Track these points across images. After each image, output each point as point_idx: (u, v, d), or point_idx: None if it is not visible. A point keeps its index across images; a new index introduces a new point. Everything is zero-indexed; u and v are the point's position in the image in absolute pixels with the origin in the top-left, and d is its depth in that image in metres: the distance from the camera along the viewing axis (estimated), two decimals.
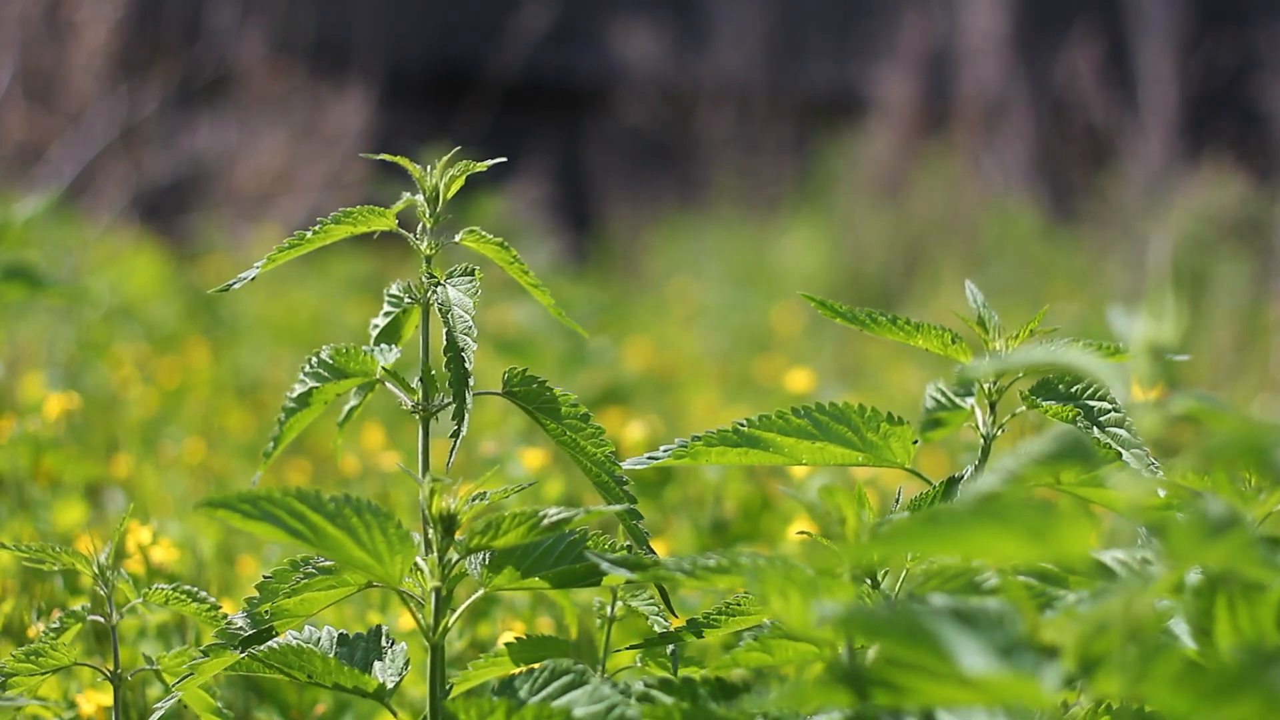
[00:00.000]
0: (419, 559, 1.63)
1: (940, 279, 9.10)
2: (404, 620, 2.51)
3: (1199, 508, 1.19)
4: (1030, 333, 1.81)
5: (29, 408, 3.69)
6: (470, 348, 1.74)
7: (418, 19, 12.40)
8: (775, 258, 9.78)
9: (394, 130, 9.60)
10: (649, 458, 1.80)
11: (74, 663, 1.86)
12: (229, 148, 9.28)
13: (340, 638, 1.77)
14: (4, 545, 1.89)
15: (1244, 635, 1.33)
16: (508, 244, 1.82)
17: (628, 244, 10.90)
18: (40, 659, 1.84)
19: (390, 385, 1.78)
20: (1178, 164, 10.13)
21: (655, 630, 1.78)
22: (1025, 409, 1.79)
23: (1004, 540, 1.20)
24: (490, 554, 1.69)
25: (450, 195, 1.81)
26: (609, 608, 1.94)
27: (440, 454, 1.76)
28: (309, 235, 1.79)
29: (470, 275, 1.79)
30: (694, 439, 1.79)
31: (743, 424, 1.78)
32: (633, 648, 1.83)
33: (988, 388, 1.79)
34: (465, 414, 1.71)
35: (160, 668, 1.86)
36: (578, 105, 12.55)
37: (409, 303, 1.82)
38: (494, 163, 1.81)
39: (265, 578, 1.73)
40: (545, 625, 2.57)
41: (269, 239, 7.73)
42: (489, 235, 1.82)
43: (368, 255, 7.47)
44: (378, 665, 1.75)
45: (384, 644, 1.77)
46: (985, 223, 10.22)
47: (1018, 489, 1.30)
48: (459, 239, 1.83)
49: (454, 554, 1.64)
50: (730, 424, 1.79)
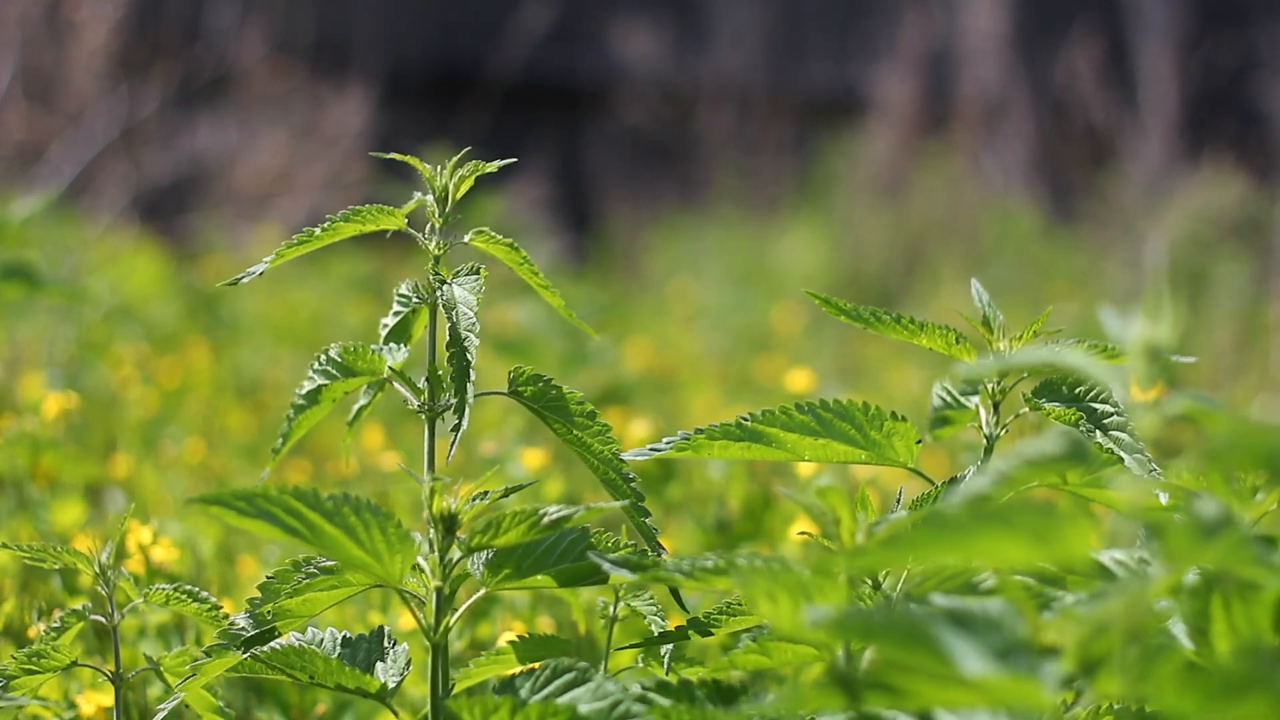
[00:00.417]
0: (420, 558, 1.63)
1: (940, 279, 9.10)
2: (404, 620, 2.51)
3: (1192, 509, 1.19)
4: (1034, 333, 1.81)
5: (29, 407, 3.69)
6: (473, 344, 1.74)
7: (418, 19, 12.40)
8: (775, 258, 9.78)
9: (394, 130, 9.60)
10: (651, 448, 1.80)
11: (74, 663, 1.86)
12: (229, 148, 9.28)
13: (343, 639, 1.77)
14: (4, 545, 1.89)
15: (1240, 635, 1.33)
16: (517, 244, 1.82)
17: (628, 244, 10.90)
18: (41, 659, 1.84)
19: (397, 384, 1.79)
20: (1178, 164, 10.13)
21: (655, 631, 1.78)
22: (1028, 410, 1.79)
23: (1007, 543, 1.20)
24: (491, 553, 1.69)
25: (459, 195, 1.82)
26: (611, 607, 1.94)
27: (442, 451, 1.76)
28: (317, 232, 1.79)
29: (476, 274, 1.80)
30: (697, 431, 1.79)
31: (746, 418, 1.79)
32: (632, 646, 1.83)
33: (991, 388, 1.80)
34: (466, 409, 1.72)
35: (161, 668, 1.86)
36: (578, 105, 12.55)
37: (417, 302, 1.82)
38: (504, 163, 1.81)
39: (267, 578, 1.73)
40: (545, 625, 2.57)
41: (269, 239, 7.73)
42: (498, 236, 1.82)
43: (368, 255, 7.47)
44: (380, 666, 1.75)
45: (386, 645, 1.77)
46: (985, 223, 10.22)
47: (1008, 490, 1.30)
48: (468, 239, 1.83)
49: (455, 553, 1.64)
50: (734, 418, 1.79)
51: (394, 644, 1.77)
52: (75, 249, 6.08)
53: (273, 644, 1.71)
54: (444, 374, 1.76)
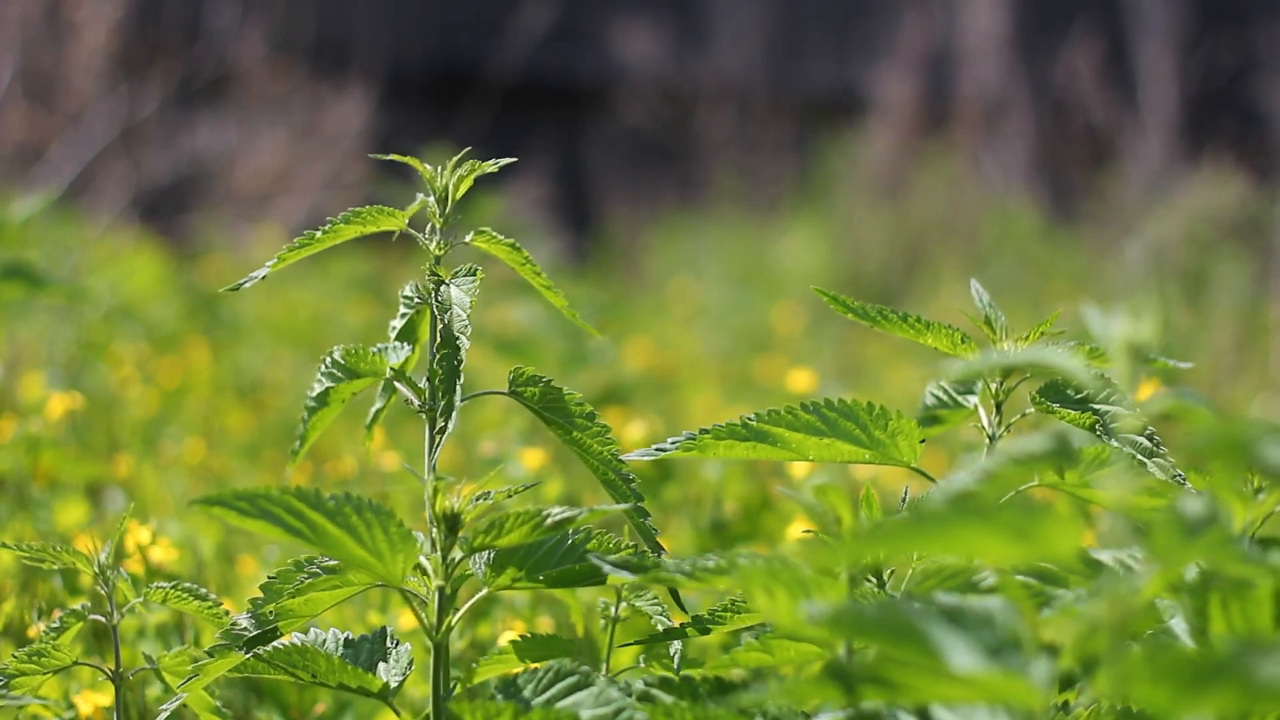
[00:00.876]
0: (422, 558, 1.64)
1: (940, 279, 9.10)
2: (404, 620, 2.51)
3: (1177, 507, 1.20)
4: (1041, 334, 1.81)
5: (29, 408, 3.69)
6: (464, 345, 1.74)
7: (418, 19, 12.40)
8: (775, 258, 9.78)
9: (394, 130, 9.61)
10: (656, 449, 1.80)
11: (74, 662, 1.86)
12: (229, 148, 9.28)
13: (346, 639, 1.77)
14: (4, 545, 1.89)
15: (1237, 632, 1.33)
16: (519, 245, 1.83)
17: (628, 244, 10.90)
18: (41, 659, 1.85)
19: (398, 385, 1.79)
20: (1178, 164, 10.13)
21: (658, 630, 1.78)
22: (1035, 411, 1.79)
23: (987, 539, 1.20)
24: (493, 553, 1.70)
25: (459, 196, 1.82)
26: (613, 608, 1.94)
27: (447, 455, 1.77)
28: (319, 235, 1.79)
29: (473, 275, 1.80)
30: (702, 431, 1.79)
31: (751, 418, 1.79)
32: (633, 644, 1.83)
33: (994, 387, 1.80)
34: (454, 410, 1.72)
35: (161, 667, 1.86)
36: (578, 105, 12.55)
37: (419, 303, 1.82)
38: (505, 162, 1.82)
39: (270, 578, 1.74)
40: (545, 625, 2.58)
41: (269, 239, 7.73)
42: (500, 236, 1.83)
43: (368, 256, 7.47)
44: (382, 665, 1.75)
45: (389, 644, 1.77)
46: (985, 223, 10.22)
47: (995, 487, 1.30)
48: (469, 240, 1.83)
49: (457, 553, 1.64)
50: (739, 418, 1.79)
51: (396, 644, 1.77)
52: (75, 249, 6.08)
53: (275, 643, 1.71)
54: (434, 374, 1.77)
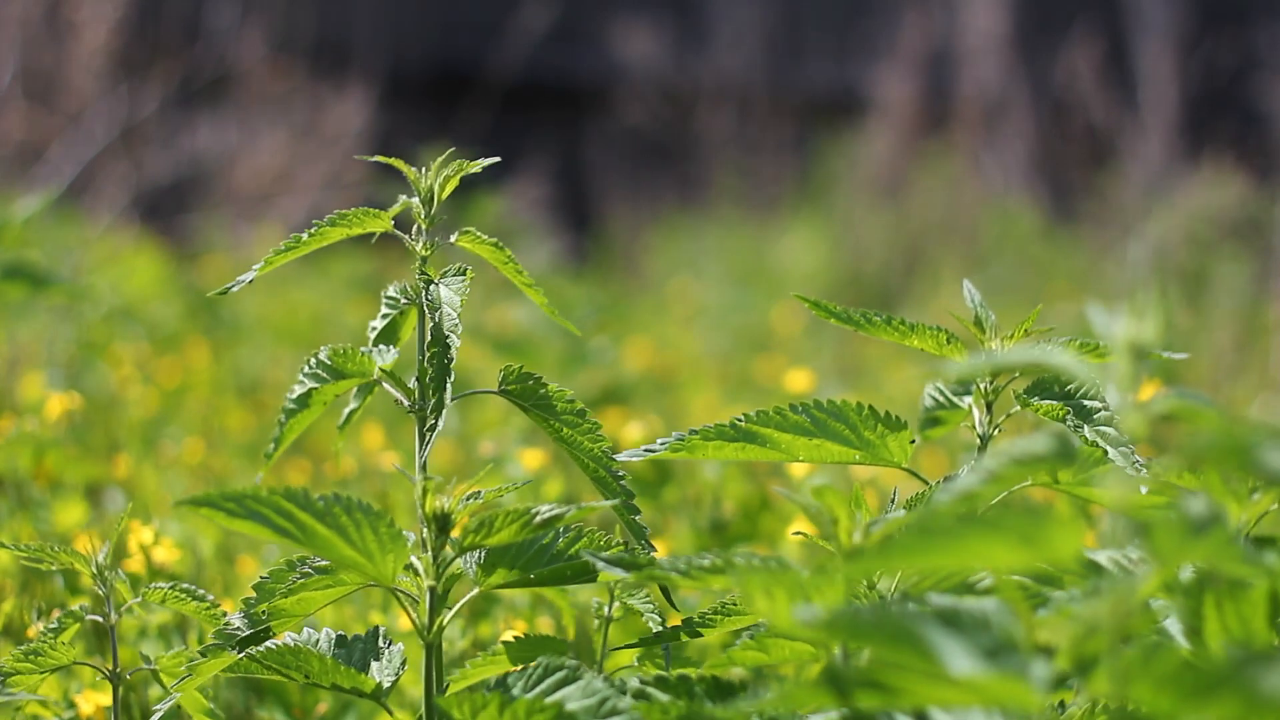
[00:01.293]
0: (414, 558, 1.64)
1: (940, 279, 9.10)
2: (403, 620, 2.51)
3: (1181, 507, 1.20)
4: (1025, 332, 1.81)
5: (29, 408, 3.69)
6: (454, 343, 1.75)
7: (418, 19, 12.40)
8: (775, 258, 9.78)
9: (394, 130, 9.61)
10: (646, 449, 1.80)
11: (74, 662, 1.86)
12: (229, 148, 9.28)
13: (339, 639, 1.77)
14: (4, 545, 1.89)
15: (1232, 634, 1.33)
16: (502, 244, 1.83)
17: (628, 244, 10.90)
18: (40, 658, 1.85)
19: (388, 385, 1.79)
20: (1178, 164, 10.13)
21: (652, 629, 1.78)
22: (1020, 408, 1.79)
23: (996, 547, 1.20)
24: (484, 552, 1.70)
25: (445, 196, 1.82)
26: (607, 607, 1.94)
27: (439, 454, 1.77)
28: (305, 238, 1.80)
29: (462, 275, 1.80)
30: (691, 433, 1.79)
31: (740, 419, 1.79)
32: (629, 646, 1.83)
33: (984, 387, 1.80)
34: (444, 409, 1.72)
35: (158, 668, 1.87)
36: (578, 105, 12.55)
37: (405, 304, 1.83)
38: (489, 162, 1.82)
39: (262, 578, 1.74)
40: (546, 625, 2.58)
41: (269, 239, 7.73)
42: (484, 236, 1.83)
43: (368, 255, 7.47)
44: (375, 665, 1.75)
45: (381, 644, 1.77)
46: (985, 223, 10.22)
47: (996, 488, 1.30)
48: (454, 240, 1.83)
49: (448, 552, 1.64)
50: (728, 419, 1.79)
51: (389, 643, 1.77)
52: (75, 249, 6.09)
53: (268, 643, 1.72)
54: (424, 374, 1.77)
